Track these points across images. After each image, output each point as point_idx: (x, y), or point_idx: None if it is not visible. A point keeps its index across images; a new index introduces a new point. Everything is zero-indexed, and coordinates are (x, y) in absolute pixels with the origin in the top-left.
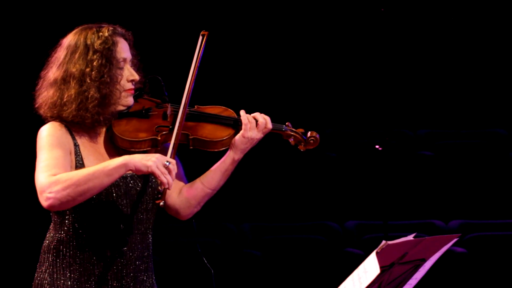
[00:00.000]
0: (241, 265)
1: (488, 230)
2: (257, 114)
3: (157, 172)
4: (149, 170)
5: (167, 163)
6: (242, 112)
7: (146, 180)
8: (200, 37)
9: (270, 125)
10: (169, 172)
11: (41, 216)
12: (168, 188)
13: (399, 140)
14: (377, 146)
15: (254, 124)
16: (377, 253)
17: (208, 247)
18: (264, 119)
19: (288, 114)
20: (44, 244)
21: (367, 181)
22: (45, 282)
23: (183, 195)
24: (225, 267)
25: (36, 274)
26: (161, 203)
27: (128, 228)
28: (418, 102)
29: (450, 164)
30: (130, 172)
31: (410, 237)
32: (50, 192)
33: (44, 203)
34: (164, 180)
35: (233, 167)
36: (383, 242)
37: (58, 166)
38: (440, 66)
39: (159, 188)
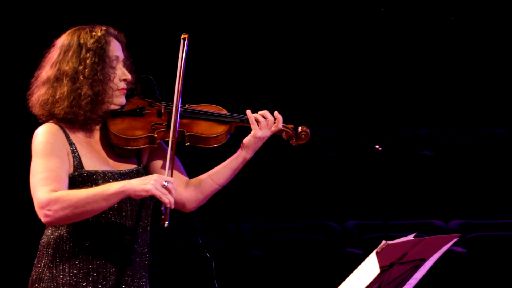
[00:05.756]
0: (241, 265)
1: (488, 230)
2: (266, 112)
3: (158, 193)
4: (149, 193)
5: (166, 183)
6: (248, 112)
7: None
8: (182, 41)
9: (280, 125)
10: (169, 191)
11: (36, 218)
12: (170, 207)
13: (399, 140)
14: (377, 146)
15: (265, 123)
16: (377, 253)
17: (208, 247)
18: (272, 118)
19: (288, 114)
20: (42, 240)
21: (367, 181)
22: (45, 277)
23: (191, 190)
24: (225, 267)
25: (34, 269)
26: (166, 224)
27: (128, 223)
28: (418, 102)
29: (450, 164)
30: (129, 169)
31: (410, 237)
32: (49, 210)
33: (43, 218)
34: (166, 200)
35: (242, 165)
36: (383, 242)
37: (56, 180)
38: (440, 66)
39: (162, 208)
